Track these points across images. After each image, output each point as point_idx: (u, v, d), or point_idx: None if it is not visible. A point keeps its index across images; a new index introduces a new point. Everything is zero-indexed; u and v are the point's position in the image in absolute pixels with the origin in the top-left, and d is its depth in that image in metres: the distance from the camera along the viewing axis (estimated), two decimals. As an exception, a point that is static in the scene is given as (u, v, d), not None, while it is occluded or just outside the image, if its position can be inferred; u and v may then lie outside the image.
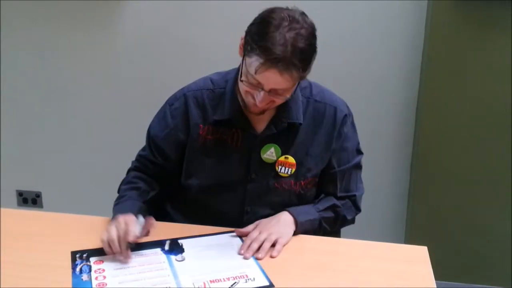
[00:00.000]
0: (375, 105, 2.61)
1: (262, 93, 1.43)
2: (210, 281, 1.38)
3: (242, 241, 1.55)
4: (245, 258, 1.48)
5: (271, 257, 1.49)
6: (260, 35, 1.39)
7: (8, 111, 2.89)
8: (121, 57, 2.72)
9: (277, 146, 1.60)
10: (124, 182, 1.71)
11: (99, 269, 1.42)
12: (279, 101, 1.49)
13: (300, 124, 1.60)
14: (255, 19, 1.46)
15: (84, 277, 1.39)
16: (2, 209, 1.68)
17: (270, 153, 1.60)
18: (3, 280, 1.36)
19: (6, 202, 2.99)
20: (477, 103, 2.34)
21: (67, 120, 2.86)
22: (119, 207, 1.57)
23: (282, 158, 1.61)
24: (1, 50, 2.77)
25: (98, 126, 2.85)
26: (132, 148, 2.81)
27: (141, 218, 1.51)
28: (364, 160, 1.73)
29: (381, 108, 2.61)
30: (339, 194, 1.69)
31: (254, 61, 1.40)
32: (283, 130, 1.59)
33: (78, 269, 1.42)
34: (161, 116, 1.67)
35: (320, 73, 2.61)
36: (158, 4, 2.60)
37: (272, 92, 1.44)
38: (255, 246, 1.51)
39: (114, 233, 1.44)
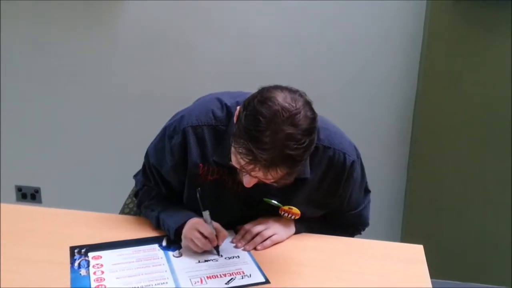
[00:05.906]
0: (372, 105, 2.61)
1: (248, 176, 1.33)
2: (207, 277, 1.39)
3: None
4: (236, 247, 1.52)
5: (255, 249, 1.52)
6: (247, 131, 1.24)
7: (7, 107, 2.89)
8: (121, 56, 2.72)
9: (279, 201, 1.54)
10: (144, 202, 1.65)
11: (97, 264, 1.43)
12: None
13: (308, 177, 1.50)
14: (249, 103, 1.27)
15: (82, 272, 1.40)
16: (1, 204, 1.69)
17: (273, 202, 1.53)
18: (1, 276, 1.37)
19: (5, 197, 2.99)
20: (475, 103, 2.35)
21: (66, 117, 2.86)
22: (173, 219, 1.54)
23: (286, 208, 1.55)
24: (0, 48, 2.77)
25: (97, 123, 2.85)
26: (131, 145, 2.85)
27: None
28: (362, 160, 1.73)
29: (379, 108, 2.61)
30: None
31: (239, 157, 1.27)
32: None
33: (76, 264, 1.43)
34: (159, 147, 1.57)
35: (318, 74, 2.66)
36: (157, 4, 2.60)
37: (259, 179, 1.33)
38: (248, 237, 1.54)
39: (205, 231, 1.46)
